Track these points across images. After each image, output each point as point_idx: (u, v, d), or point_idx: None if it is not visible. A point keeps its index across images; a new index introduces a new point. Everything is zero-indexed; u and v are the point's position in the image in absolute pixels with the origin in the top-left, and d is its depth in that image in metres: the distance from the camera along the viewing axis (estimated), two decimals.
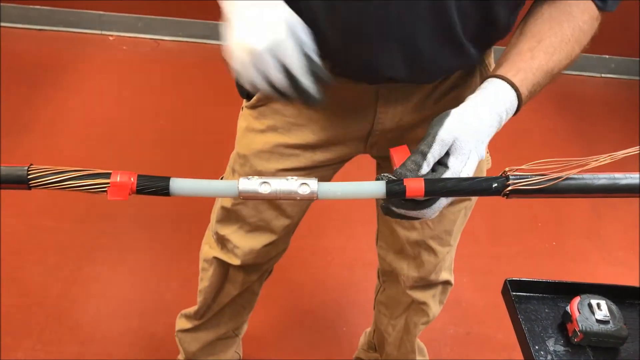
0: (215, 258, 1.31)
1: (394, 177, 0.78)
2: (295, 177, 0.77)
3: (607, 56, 3.32)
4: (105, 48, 3.12)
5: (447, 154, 0.81)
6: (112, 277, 1.98)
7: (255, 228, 1.22)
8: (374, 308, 1.54)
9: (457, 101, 1.04)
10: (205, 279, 1.38)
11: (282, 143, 1.10)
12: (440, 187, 0.77)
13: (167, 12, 3.17)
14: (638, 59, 3.33)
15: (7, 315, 1.80)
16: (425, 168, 0.79)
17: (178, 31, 3.19)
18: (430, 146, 0.80)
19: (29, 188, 0.76)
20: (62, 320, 1.83)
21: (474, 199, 1.23)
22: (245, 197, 0.77)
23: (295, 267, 2.08)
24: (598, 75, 3.36)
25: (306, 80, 0.81)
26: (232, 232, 1.25)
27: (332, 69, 0.97)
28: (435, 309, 1.40)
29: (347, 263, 2.07)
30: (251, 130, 1.13)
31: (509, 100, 0.85)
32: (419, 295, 1.35)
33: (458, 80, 1.06)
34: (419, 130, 1.09)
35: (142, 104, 2.73)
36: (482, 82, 1.04)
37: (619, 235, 2.37)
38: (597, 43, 3.47)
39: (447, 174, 0.80)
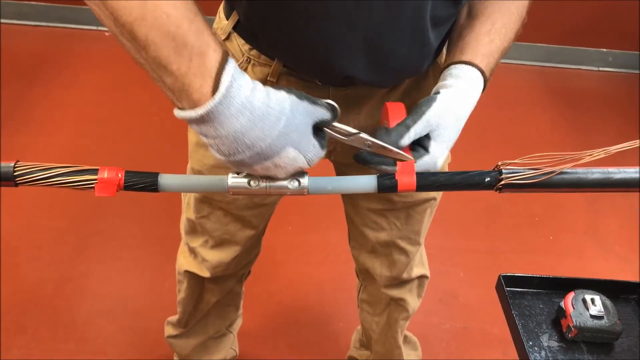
0: (187, 272, 1.31)
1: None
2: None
3: (604, 50, 3.31)
4: (101, 44, 3.10)
5: (429, 137, 0.81)
6: (107, 274, 1.98)
7: (221, 242, 1.21)
8: (358, 306, 1.54)
9: (418, 90, 1.04)
10: (182, 290, 1.38)
11: None
12: (433, 182, 0.77)
13: None
14: (636, 52, 3.31)
15: (2, 313, 1.80)
16: (406, 140, 0.79)
17: None
18: (415, 122, 0.80)
19: (16, 185, 0.75)
20: (57, 318, 1.82)
21: (439, 198, 1.21)
22: (235, 193, 0.76)
23: (292, 263, 2.07)
24: (595, 69, 3.35)
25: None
26: (199, 246, 1.24)
27: (283, 69, 0.95)
28: (413, 303, 1.39)
29: (343, 259, 2.06)
30: (202, 145, 1.08)
31: (480, 87, 0.88)
32: (395, 292, 1.34)
33: (412, 83, 1.03)
34: None
35: (138, 100, 2.71)
36: (434, 83, 1.04)
37: (616, 230, 2.36)
38: (595, 36, 3.44)
39: (426, 158, 0.81)
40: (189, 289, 1.35)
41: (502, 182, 0.76)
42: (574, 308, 1.00)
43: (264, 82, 0.93)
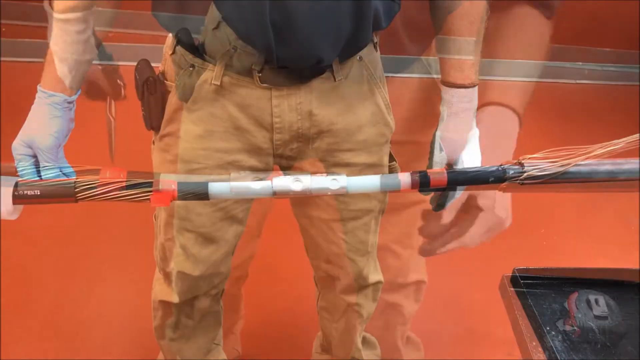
0: (162, 302, 1.31)
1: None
2: (325, 173, 0.86)
3: (608, 49, 3.31)
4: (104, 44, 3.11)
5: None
6: (112, 274, 1.98)
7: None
8: (318, 314, 1.54)
9: (354, 94, 1.00)
10: (157, 317, 1.36)
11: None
12: (461, 177, 0.86)
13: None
14: (637, 51, 3.32)
15: (6, 313, 1.80)
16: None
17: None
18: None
19: (76, 201, 0.81)
20: (62, 318, 1.83)
21: (379, 208, 1.20)
22: (279, 195, 0.84)
23: (294, 262, 2.07)
24: (599, 68, 3.35)
25: None
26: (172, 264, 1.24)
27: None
28: (368, 307, 1.37)
29: None
30: (164, 161, 1.13)
31: (471, 95, 0.94)
32: (351, 298, 1.34)
33: (345, 71, 0.98)
34: (326, 140, 1.02)
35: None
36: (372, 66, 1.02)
37: (620, 231, 2.36)
38: (599, 36, 3.37)
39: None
40: (165, 318, 1.34)
41: (525, 175, 0.78)
42: (577, 308, 1.00)
43: (250, 71, 0.95)
